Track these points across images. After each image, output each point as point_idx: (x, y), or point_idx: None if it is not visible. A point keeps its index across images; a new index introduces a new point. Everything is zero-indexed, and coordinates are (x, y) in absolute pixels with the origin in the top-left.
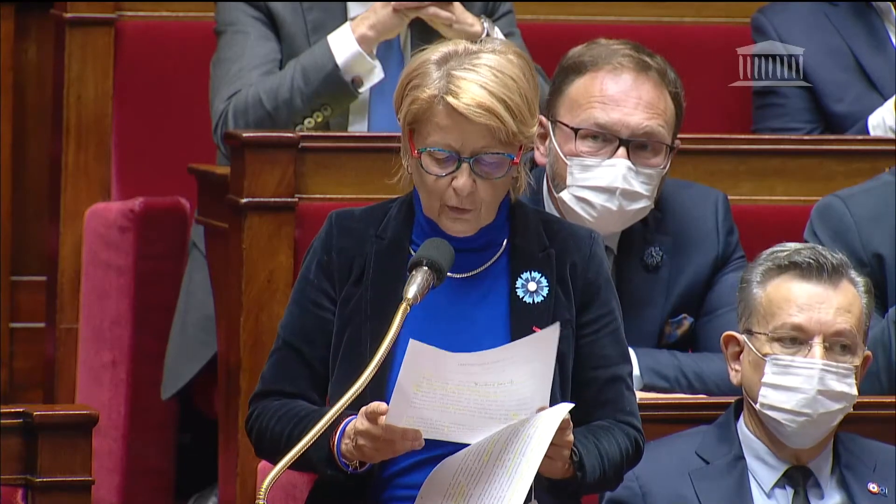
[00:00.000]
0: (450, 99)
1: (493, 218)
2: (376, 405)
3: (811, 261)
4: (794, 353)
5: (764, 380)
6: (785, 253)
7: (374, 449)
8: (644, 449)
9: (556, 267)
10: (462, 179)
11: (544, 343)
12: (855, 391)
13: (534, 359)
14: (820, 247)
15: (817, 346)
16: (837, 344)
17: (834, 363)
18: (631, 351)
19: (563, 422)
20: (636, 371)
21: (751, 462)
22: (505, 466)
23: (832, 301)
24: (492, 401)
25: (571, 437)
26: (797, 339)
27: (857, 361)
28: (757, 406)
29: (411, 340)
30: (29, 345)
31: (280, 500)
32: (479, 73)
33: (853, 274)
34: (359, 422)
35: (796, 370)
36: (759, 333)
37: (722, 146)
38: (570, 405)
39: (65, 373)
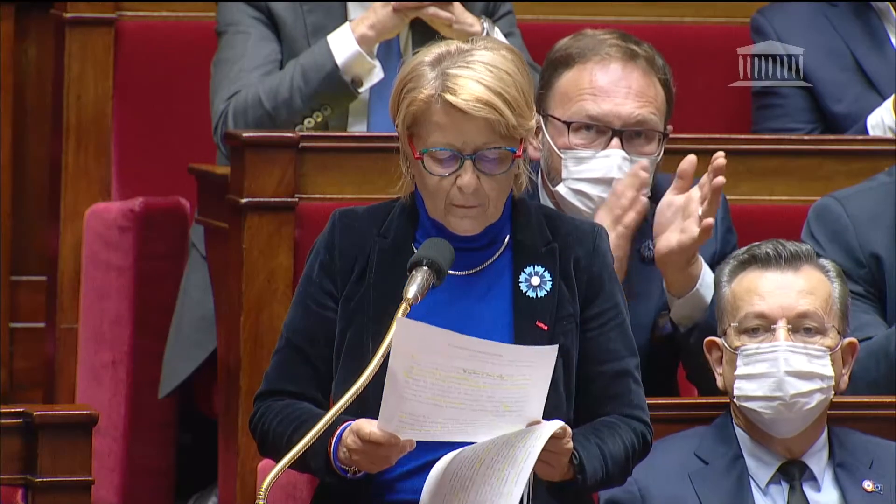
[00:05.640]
0: (448, 96)
1: (500, 215)
2: (363, 431)
3: (769, 251)
4: (761, 341)
5: (736, 373)
6: (746, 249)
7: (370, 463)
8: (652, 442)
9: (559, 261)
10: (466, 177)
11: (540, 360)
12: (830, 371)
13: (526, 368)
14: (784, 240)
15: (781, 329)
16: (803, 326)
17: (801, 344)
18: None
19: (561, 430)
20: None
21: (747, 460)
22: (495, 475)
23: (793, 285)
24: (482, 392)
25: (570, 446)
26: (762, 326)
27: (829, 342)
28: (735, 402)
29: (399, 318)
30: (29, 345)
31: (280, 500)
32: (474, 70)
33: (822, 261)
34: (350, 440)
35: (762, 356)
36: (730, 328)
37: (722, 146)
38: (561, 423)
39: (65, 373)
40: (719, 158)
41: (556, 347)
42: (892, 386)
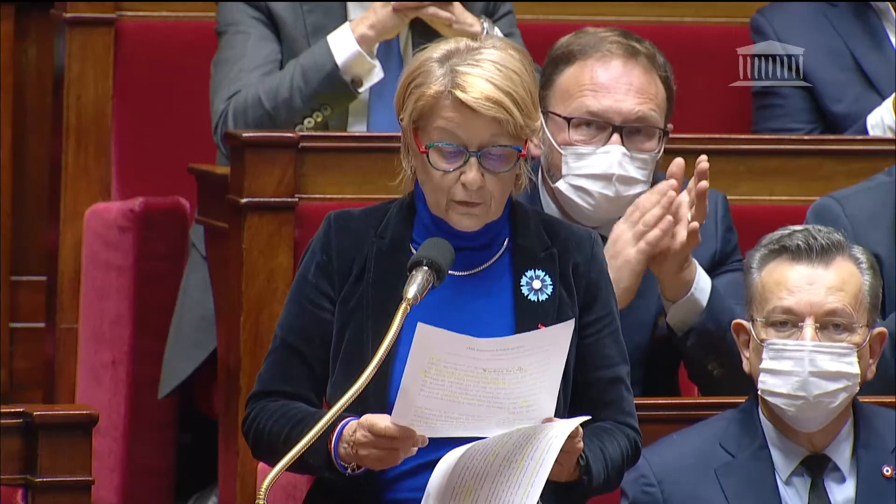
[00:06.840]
0: (458, 93)
1: (501, 213)
2: (378, 426)
3: (801, 243)
4: (788, 336)
5: (761, 366)
6: (778, 236)
7: (378, 458)
8: (642, 449)
9: (559, 266)
10: (471, 173)
11: (557, 339)
12: (856, 369)
13: (545, 352)
14: (816, 227)
15: (808, 328)
16: (831, 324)
17: (827, 344)
18: None
19: (574, 430)
20: None
21: (771, 450)
22: (512, 469)
23: (822, 281)
24: (500, 388)
25: (581, 445)
26: (789, 322)
27: (857, 339)
28: (759, 392)
29: (420, 324)
30: (29, 345)
31: (280, 500)
32: (483, 68)
33: (855, 251)
34: (360, 434)
35: (788, 353)
36: (757, 319)
37: (722, 146)
38: (585, 417)
39: (65, 373)
40: (703, 162)
41: (572, 322)
42: (892, 386)
